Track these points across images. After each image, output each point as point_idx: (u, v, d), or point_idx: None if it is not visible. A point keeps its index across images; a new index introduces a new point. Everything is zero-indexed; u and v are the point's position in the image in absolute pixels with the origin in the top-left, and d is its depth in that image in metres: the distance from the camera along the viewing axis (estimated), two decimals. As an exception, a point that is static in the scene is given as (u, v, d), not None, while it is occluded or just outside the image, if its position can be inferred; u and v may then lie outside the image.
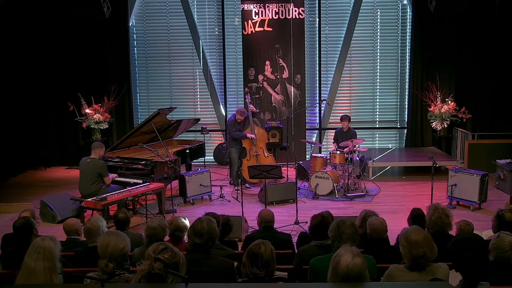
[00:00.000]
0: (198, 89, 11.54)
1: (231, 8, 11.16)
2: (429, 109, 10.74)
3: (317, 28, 11.09)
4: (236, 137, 8.90)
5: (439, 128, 10.65)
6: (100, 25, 10.80)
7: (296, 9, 10.57)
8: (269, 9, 10.57)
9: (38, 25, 10.73)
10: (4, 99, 10.14)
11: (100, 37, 11.00)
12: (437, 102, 10.64)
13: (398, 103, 11.40)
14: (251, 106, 9.16)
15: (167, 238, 4.29)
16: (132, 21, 11.27)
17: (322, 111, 11.34)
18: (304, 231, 6.17)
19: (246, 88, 9.94)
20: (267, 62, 10.71)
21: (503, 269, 3.23)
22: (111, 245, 3.14)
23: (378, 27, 11.19)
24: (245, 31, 10.66)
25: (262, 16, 10.57)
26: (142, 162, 7.70)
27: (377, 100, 11.40)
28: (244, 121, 8.99)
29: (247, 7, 10.58)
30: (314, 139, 11.30)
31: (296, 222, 6.87)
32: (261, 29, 10.62)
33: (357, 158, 8.85)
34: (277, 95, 10.80)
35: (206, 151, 9.48)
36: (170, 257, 2.71)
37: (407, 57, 11.16)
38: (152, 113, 8.13)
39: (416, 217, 4.66)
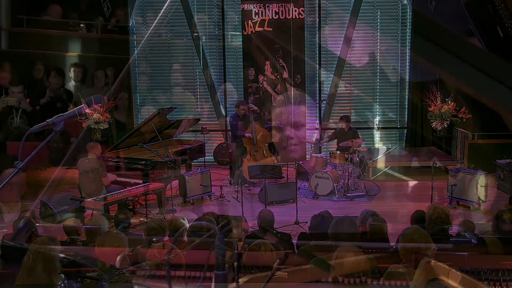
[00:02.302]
0: (198, 89, 11.53)
1: (231, 8, 11.16)
2: (429, 109, 10.71)
3: (317, 28, 11.09)
4: (236, 133, 8.91)
5: (439, 128, 10.63)
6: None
7: (296, 9, 10.57)
8: (269, 9, 10.57)
9: (38, 24, 10.72)
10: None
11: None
12: (437, 102, 10.63)
13: (398, 103, 11.40)
14: (251, 105, 9.14)
15: (166, 238, 4.29)
16: (132, 21, 11.27)
17: (322, 111, 11.34)
18: (304, 231, 6.17)
19: (249, 89, 9.89)
20: (267, 62, 10.70)
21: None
22: (106, 245, 3.17)
23: (378, 27, 11.19)
24: (245, 31, 10.66)
25: (262, 16, 10.57)
26: (142, 162, 7.70)
27: (377, 100, 11.39)
28: (247, 117, 9.00)
29: (247, 7, 10.58)
30: (314, 139, 11.29)
31: (296, 222, 6.87)
32: (261, 29, 10.61)
33: (357, 158, 8.85)
34: (277, 95, 10.80)
35: (206, 151, 9.48)
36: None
37: (407, 57, 11.15)
38: (152, 113, 8.13)
39: (417, 219, 4.66)
